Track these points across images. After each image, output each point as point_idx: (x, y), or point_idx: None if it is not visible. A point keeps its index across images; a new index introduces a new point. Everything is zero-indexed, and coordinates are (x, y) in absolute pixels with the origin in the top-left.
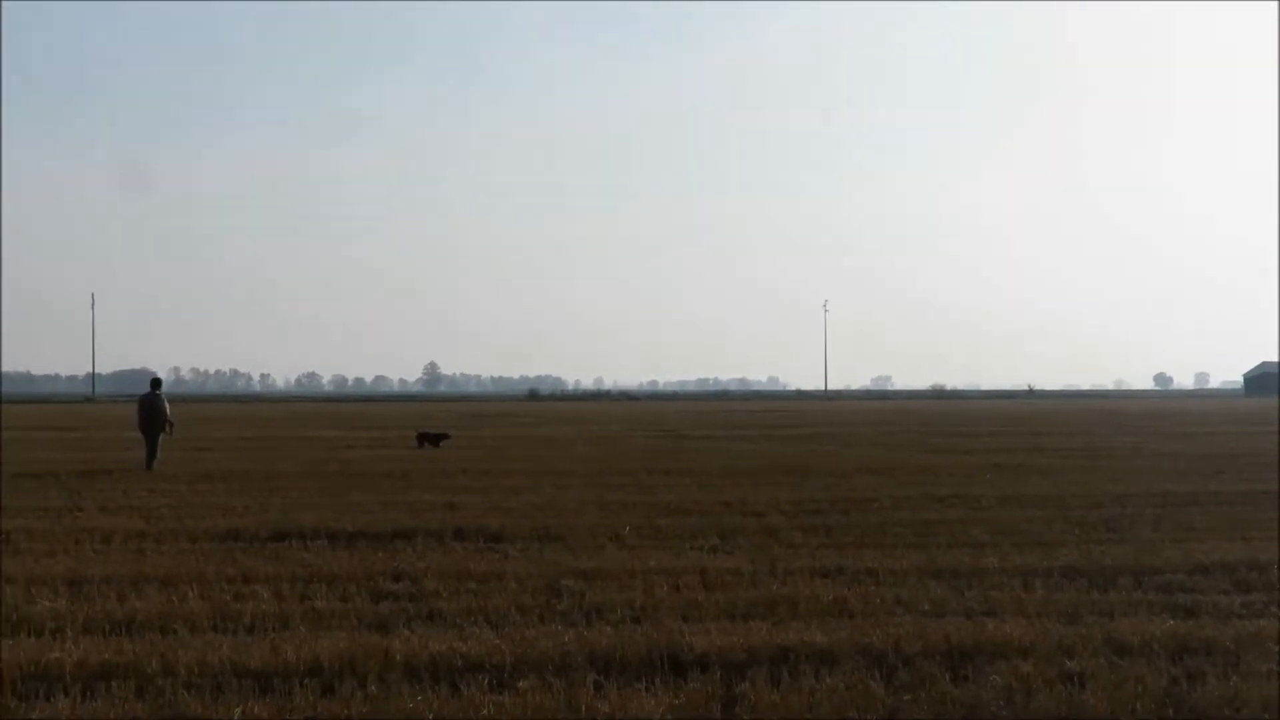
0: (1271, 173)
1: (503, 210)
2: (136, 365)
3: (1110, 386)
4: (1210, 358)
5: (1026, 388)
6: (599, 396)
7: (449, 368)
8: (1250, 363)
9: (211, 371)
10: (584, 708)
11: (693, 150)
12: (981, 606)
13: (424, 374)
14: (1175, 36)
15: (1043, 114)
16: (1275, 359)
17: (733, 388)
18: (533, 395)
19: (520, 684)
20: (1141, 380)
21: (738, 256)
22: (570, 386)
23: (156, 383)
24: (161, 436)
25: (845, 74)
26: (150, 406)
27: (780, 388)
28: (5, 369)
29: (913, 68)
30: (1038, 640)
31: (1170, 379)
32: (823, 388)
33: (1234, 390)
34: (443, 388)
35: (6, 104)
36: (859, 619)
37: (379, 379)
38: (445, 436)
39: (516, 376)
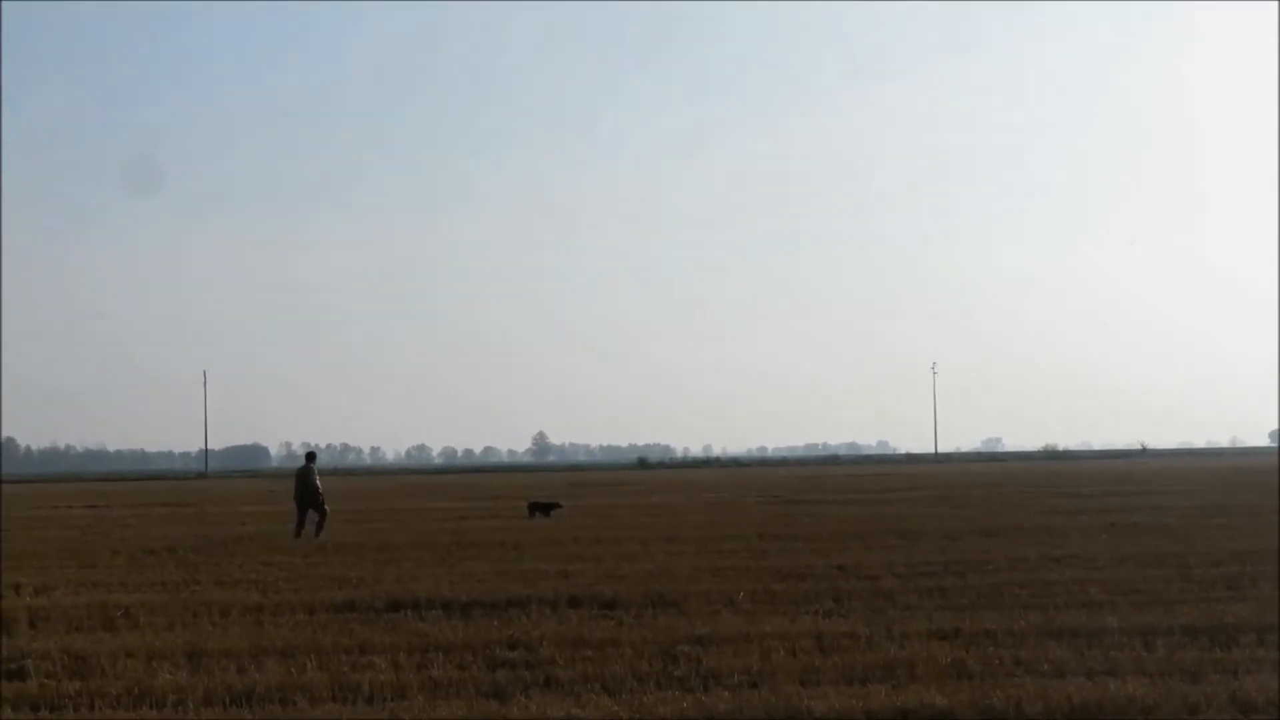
0: None
1: (607, 278)
2: (248, 441)
3: (1225, 444)
4: None
5: (1140, 446)
6: (708, 464)
7: (557, 437)
8: None
9: (323, 445)
10: None
11: (797, 211)
12: (1102, 666)
13: (533, 444)
14: None
15: (1157, 168)
16: None
17: (842, 452)
18: (642, 463)
19: None
20: (1258, 438)
21: (844, 318)
22: (679, 454)
23: (311, 456)
24: (325, 508)
25: (949, 129)
26: (304, 479)
27: (890, 451)
28: (120, 447)
29: (1018, 121)
30: (1161, 699)
31: None
32: (933, 450)
33: None
34: (551, 458)
35: (125, 184)
36: (978, 680)
37: (488, 450)
38: (556, 505)
39: (625, 445)
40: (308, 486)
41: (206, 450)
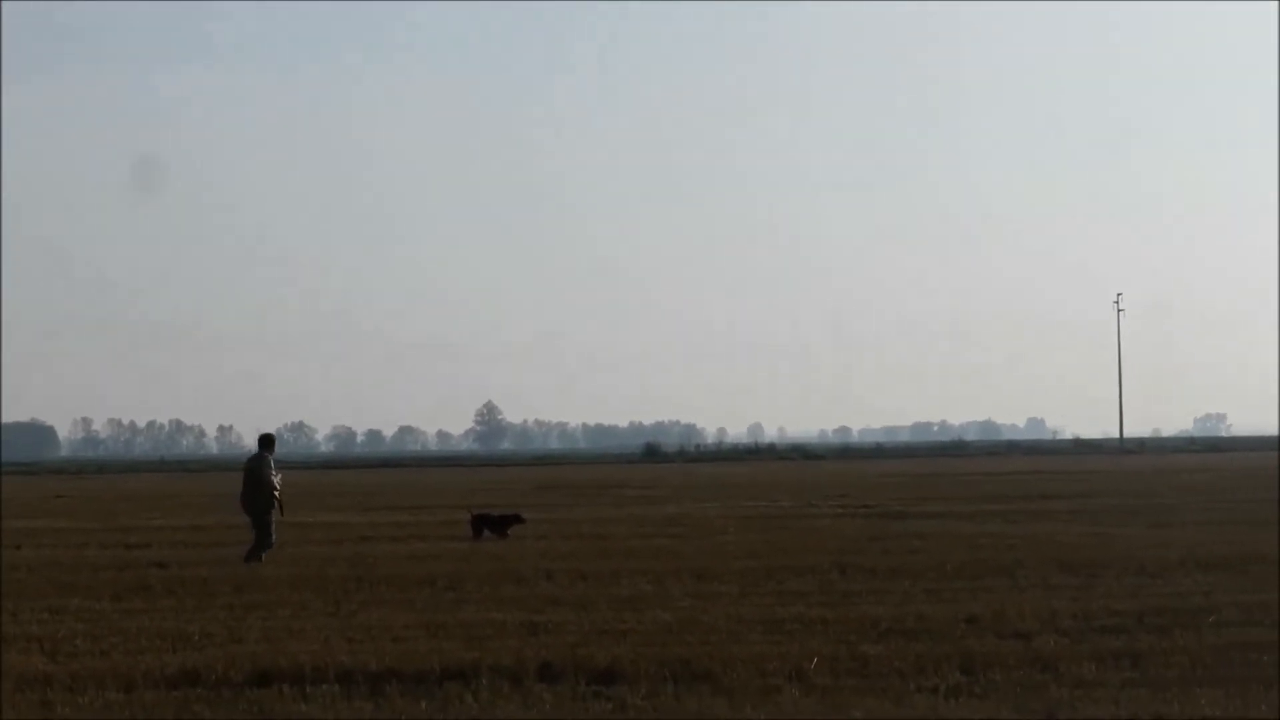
0: None
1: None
2: (22, 418)
3: None
4: None
5: None
6: (757, 453)
7: (515, 412)
8: None
9: (141, 424)
10: None
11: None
12: None
13: (477, 423)
14: None
15: None
16: None
17: (971, 436)
18: (651, 453)
19: None
20: None
21: (971, 235)
22: (710, 439)
23: (267, 441)
24: (274, 517)
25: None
26: (255, 475)
27: (1046, 436)
28: None
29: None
30: None
31: None
32: (1116, 434)
33: None
34: (507, 444)
35: None
36: None
37: (405, 431)
38: (515, 520)
39: (624, 424)
40: (261, 484)
41: None
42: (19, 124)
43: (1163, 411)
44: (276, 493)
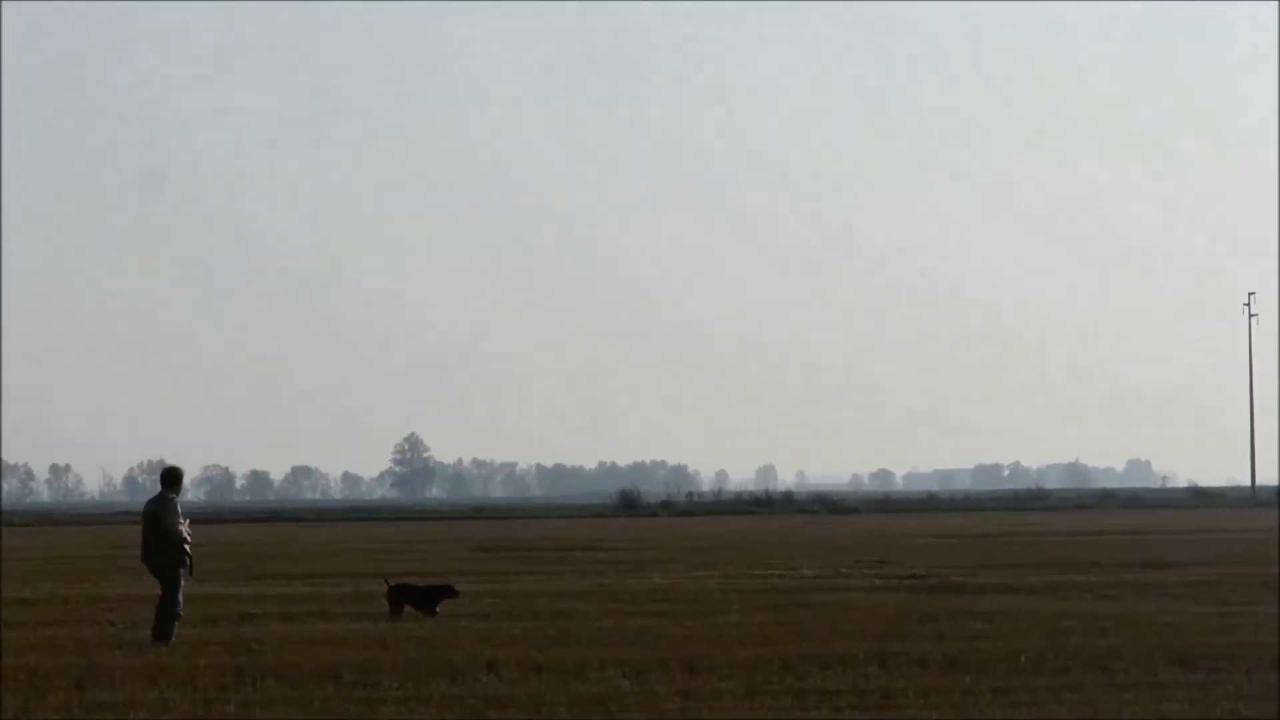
0: None
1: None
2: None
3: None
4: None
5: None
6: (769, 505)
7: (445, 449)
8: None
9: None
10: None
11: None
12: None
13: (395, 461)
14: None
15: None
16: None
17: (1053, 482)
18: (628, 503)
19: None
20: None
21: (1055, 211)
22: (707, 485)
23: (170, 477)
24: (180, 581)
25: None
26: (155, 521)
27: (1153, 483)
28: None
29: None
30: None
31: None
32: (1246, 482)
33: None
34: (435, 491)
35: None
36: None
37: (298, 474)
38: (447, 592)
39: (590, 466)
40: (164, 535)
41: None
42: None
43: None
44: (187, 545)
